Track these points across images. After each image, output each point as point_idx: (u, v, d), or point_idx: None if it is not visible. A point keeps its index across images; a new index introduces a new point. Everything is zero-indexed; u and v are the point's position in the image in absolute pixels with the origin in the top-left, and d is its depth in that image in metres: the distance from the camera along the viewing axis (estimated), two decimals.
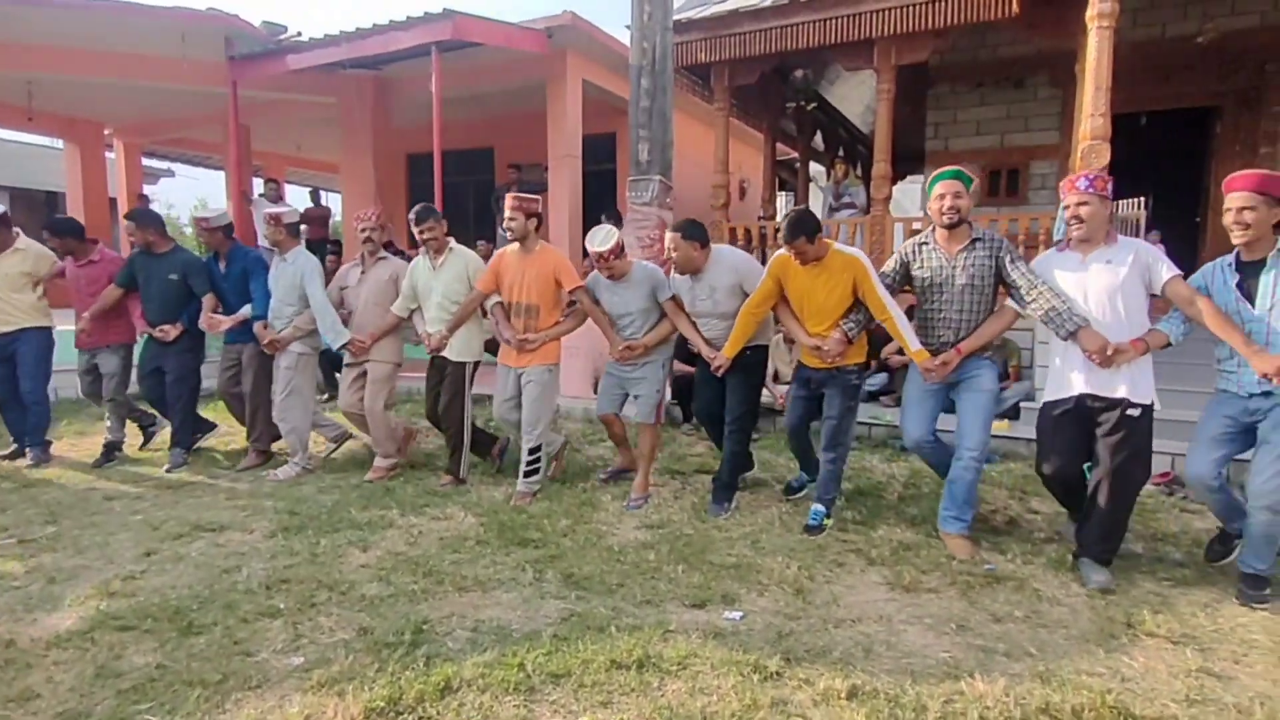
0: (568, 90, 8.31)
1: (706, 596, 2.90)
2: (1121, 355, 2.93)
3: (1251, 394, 2.87)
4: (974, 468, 3.29)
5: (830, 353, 3.46)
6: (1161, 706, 2.18)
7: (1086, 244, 3.05)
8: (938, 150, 8.41)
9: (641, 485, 4.09)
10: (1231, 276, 2.92)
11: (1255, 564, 2.89)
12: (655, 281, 3.99)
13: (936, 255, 3.33)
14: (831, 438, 3.60)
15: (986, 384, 3.32)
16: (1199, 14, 6.96)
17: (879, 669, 2.39)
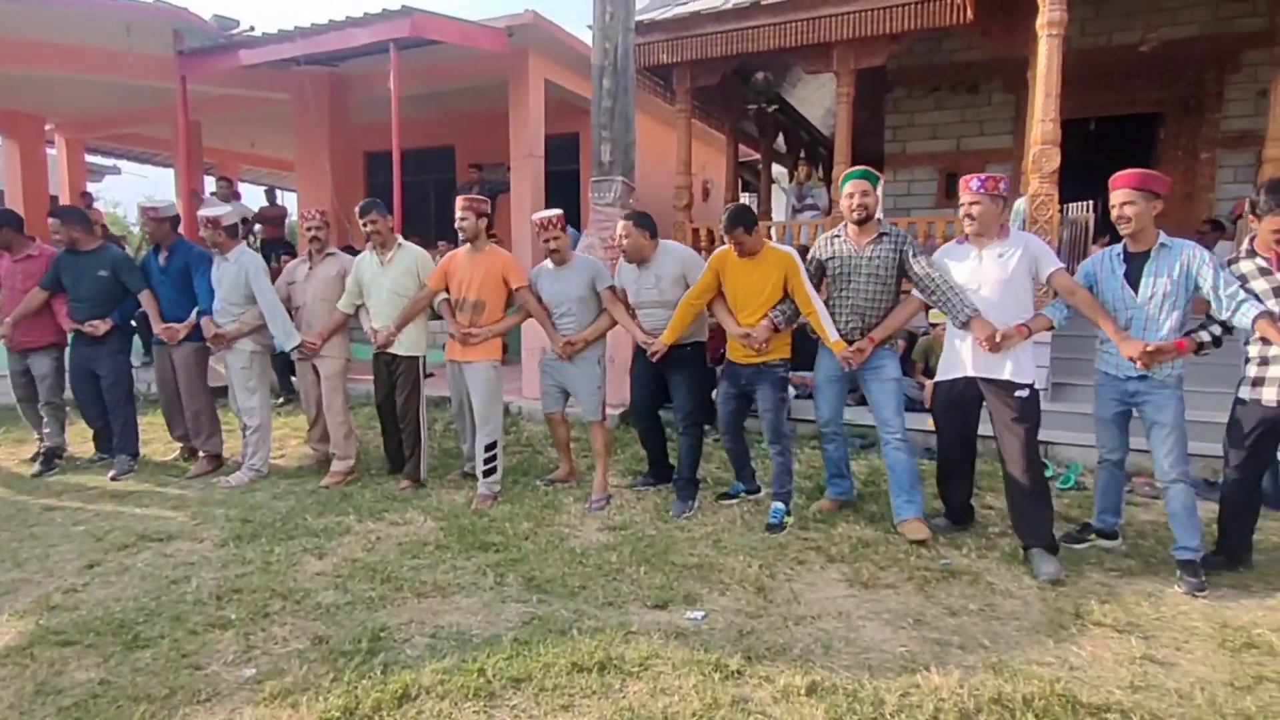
0: (529, 89, 8.27)
1: (669, 597, 2.91)
2: (1008, 340, 3.19)
3: (1129, 376, 3.15)
4: (903, 448, 3.53)
5: (757, 339, 3.60)
6: (1107, 694, 2.26)
7: (981, 238, 3.32)
8: (896, 153, 8.58)
9: (601, 485, 4.12)
10: (1119, 266, 3.17)
11: (1187, 543, 3.08)
12: (595, 271, 4.13)
13: (846, 246, 3.60)
14: (772, 430, 3.76)
15: (891, 373, 3.60)
16: (1142, 24, 7.23)
17: (838, 665, 2.43)
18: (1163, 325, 3.07)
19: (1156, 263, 3.08)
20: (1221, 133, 7.31)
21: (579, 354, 4.08)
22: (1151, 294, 3.08)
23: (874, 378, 3.61)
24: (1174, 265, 3.05)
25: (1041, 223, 5.32)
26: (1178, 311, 3.07)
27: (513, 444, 5.33)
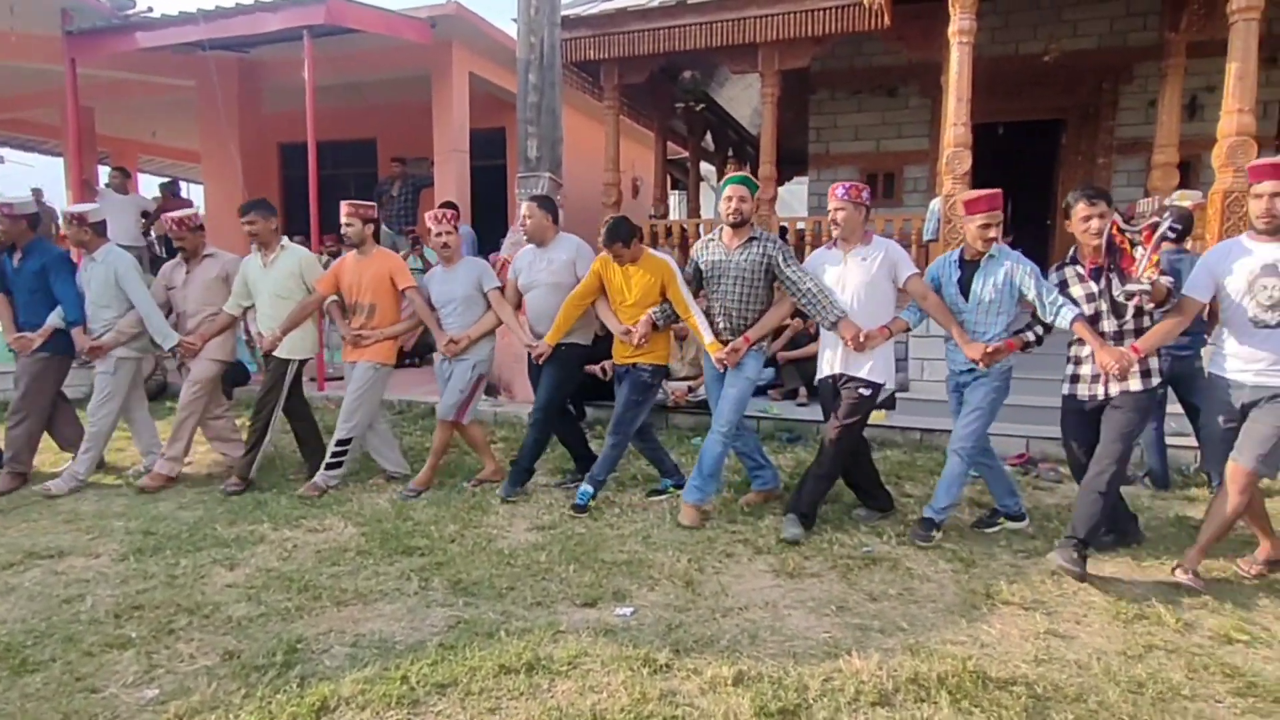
0: (454, 83, 8.11)
1: (598, 594, 2.92)
2: (871, 340, 3.45)
3: (962, 370, 3.51)
4: (722, 443, 3.69)
5: (638, 334, 3.76)
6: (1014, 668, 2.40)
7: (846, 242, 3.57)
8: (820, 153, 8.83)
9: (423, 479, 4.23)
10: (955, 272, 3.47)
11: (937, 504, 3.46)
12: (480, 270, 4.26)
13: (719, 249, 3.73)
14: (615, 423, 3.92)
15: (749, 371, 3.73)
16: (1046, 35, 7.68)
17: (764, 654, 2.49)
18: (991, 328, 3.38)
19: (985, 271, 3.38)
20: (1116, 139, 7.84)
21: (459, 356, 4.18)
22: (980, 299, 3.38)
23: (735, 374, 3.72)
24: (999, 273, 3.34)
25: (955, 223, 5.59)
26: (1004, 315, 3.38)
27: None
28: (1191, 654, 2.49)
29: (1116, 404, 3.11)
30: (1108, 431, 3.11)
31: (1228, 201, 4.98)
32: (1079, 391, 3.23)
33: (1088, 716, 2.14)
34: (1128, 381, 3.07)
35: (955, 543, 3.46)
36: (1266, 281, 2.85)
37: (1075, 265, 3.23)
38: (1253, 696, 2.25)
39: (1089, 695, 2.24)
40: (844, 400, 3.54)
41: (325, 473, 4.23)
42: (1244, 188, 5.05)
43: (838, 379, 3.59)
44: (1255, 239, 2.93)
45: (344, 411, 4.24)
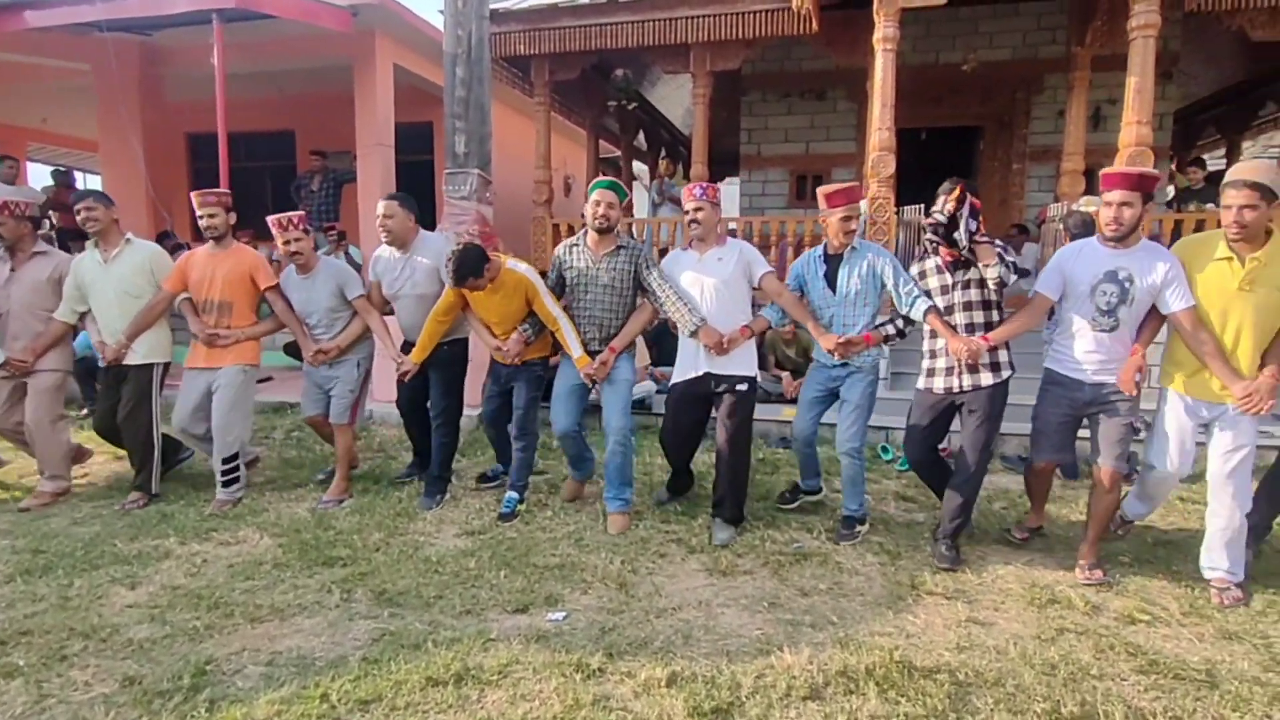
0: (377, 74, 7.85)
1: (529, 600, 2.88)
2: (734, 343, 3.49)
3: (833, 365, 3.56)
4: (620, 450, 3.68)
5: (510, 353, 3.75)
6: (937, 656, 2.49)
7: (702, 243, 3.61)
8: (751, 154, 8.99)
9: (339, 488, 4.07)
10: (820, 267, 3.57)
11: (850, 505, 3.60)
12: (342, 278, 4.07)
13: (585, 257, 3.71)
14: (520, 426, 3.88)
15: (624, 374, 3.75)
16: (965, 45, 8.04)
17: (698, 653, 2.50)
18: (859, 320, 3.49)
19: (849, 264, 3.49)
20: (1029, 147, 8.28)
21: (338, 359, 4.08)
22: (846, 292, 3.49)
23: (611, 379, 3.72)
24: (862, 266, 3.46)
25: (880, 224, 5.78)
26: (870, 307, 3.50)
27: (364, 449, 5.05)
28: (1099, 635, 2.64)
29: (972, 407, 3.26)
30: (970, 441, 3.26)
31: None
32: (934, 385, 3.35)
33: (1006, 700, 2.24)
34: (979, 375, 3.22)
35: (882, 536, 3.57)
36: (1107, 287, 2.99)
37: (936, 257, 3.36)
38: (1155, 674, 2.40)
39: (1007, 679, 2.34)
40: (725, 404, 3.55)
41: (225, 489, 3.99)
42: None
43: (701, 380, 3.57)
44: (1103, 244, 3.04)
45: (218, 426, 3.93)
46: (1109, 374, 3.06)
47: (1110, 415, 3.09)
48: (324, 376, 4.13)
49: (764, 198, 8.95)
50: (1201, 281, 2.90)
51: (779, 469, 4.67)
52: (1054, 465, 3.40)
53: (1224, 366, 2.86)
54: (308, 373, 4.17)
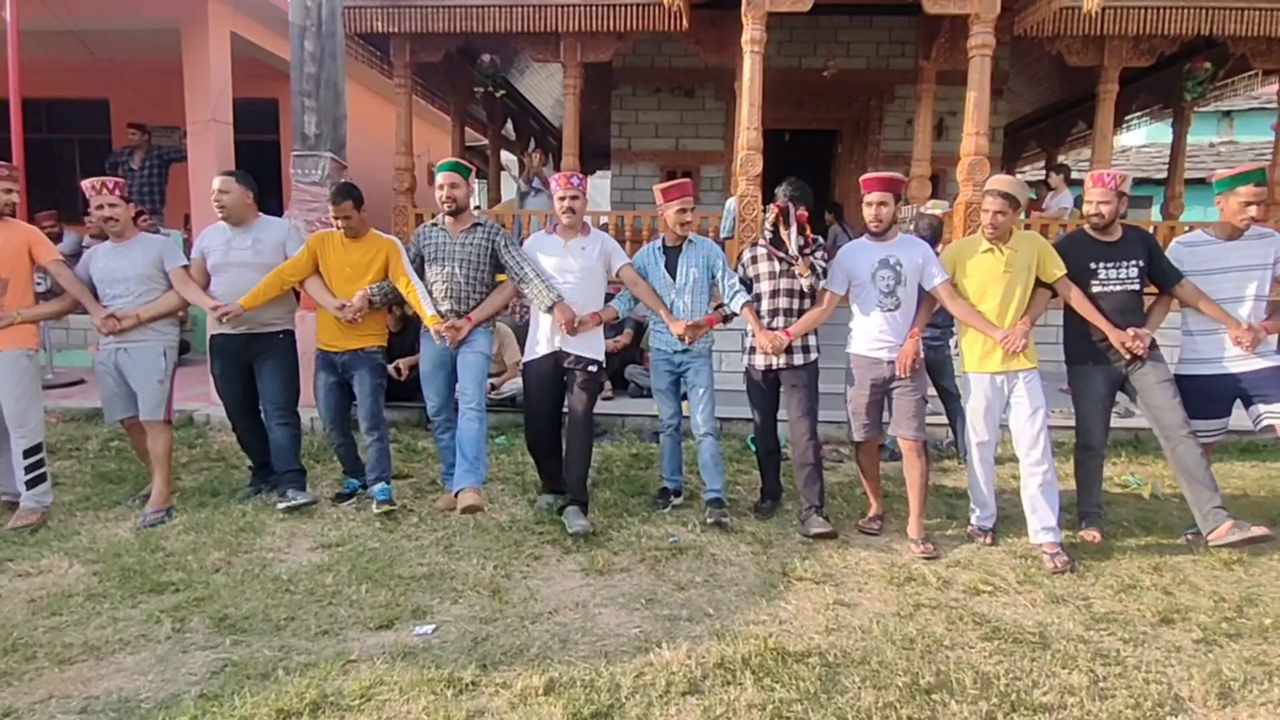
0: (210, 42, 7.16)
1: (394, 615, 2.72)
2: (584, 326, 3.67)
3: (675, 351, 3.82)
4: (475, 417, 3.74)
5: (352, 308, 3.70)
6: (809, 640, 2.60)
7: (570, 230, 3.78)
8: (622, 148, 9.05)
9: (161, 496, 3.72)
10: (660, 258, 3.84)
11: (713, 486, 3.81)
12: (164, 249, 3.86)
13: (442, 234, 3.83)
14: (371, 418, 3.86)
15: (480, 348, 3.84)
16: (825, 52, 8.51)
17: (576, 657, 2.46)
18: (697, 307, 3.78)
19: (688, 256, 3.79)
20: (882, 151, 8.89)
21: (137, 343, 3.69)
22: (685, 282, 3.77)
23: (464, 351, 3.79)
24: (698, 258, 3.78)
25: (749, 220, 5.99)
26: (705, 295, 3.82)
27: (200, 458, 4.60)
28: (950, 608, 2.86)
29: (792, 381, 3.69)
30: (793, 411, 3.69)
31: (969, 211, 5.85)
32: (756, 362, 3.73)
33: (871, 676, 2.37)
34: (793, 355, 3.65)
35: (754, 525, 3.69)
36: (883, 273, 3.50)
37: (757, 247, 3.70)
38: (997, 639, 2.63)
39: (871, 657, 2.48)
40: (574, 383, 3.73)
41: (31, 493, 3.54)
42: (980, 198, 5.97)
43: (553, 357, 3.72)
44: (871, 240, 3.58)
45: (11, 418, 3.53)
46: (898, 350, 3.53)
47: (905, 391, 3.54)
48: (123, 370, 3.70)
49: (634, 192, 9.04)
50: (973, 270, 3.48)
51: (653, 464, 4.72)
52: (877, 442, 3.77)
53: (984, 323, 3.43)
54: (99, 371, 3.78)
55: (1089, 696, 2.29)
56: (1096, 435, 3.55)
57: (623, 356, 6.52)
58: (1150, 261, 3.47)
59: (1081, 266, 3.47)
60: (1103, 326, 3.40)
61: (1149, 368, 3.42)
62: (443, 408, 3.87)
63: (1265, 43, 6.62)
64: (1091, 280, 3.46)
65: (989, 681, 2.36)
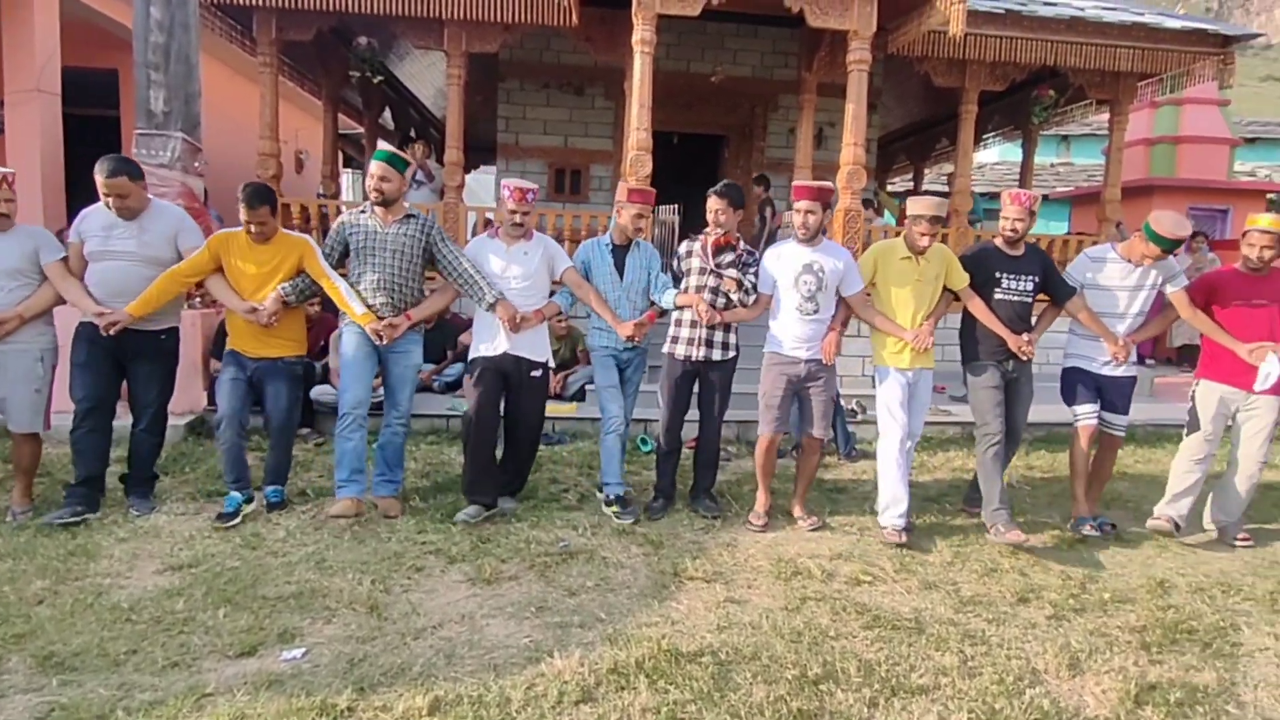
0: (35, 1, 6.40)
1: (258, 640, 2.51)
2: (527, 323, 3.71)
3: (622, 349, 3.94)
4: (402, 432, 3.83)
5: (266, 312, 3.52)
6: (701, 639, 2.63)
7: (514, 238, 3.80)
8: (509, 143, 8.88)
9: (23, 496, 3.57)
10: (607, 256, 3.92)
11: (614, 487, 3.91)
12: (41, 239, 3.59)
13: (372, 223, 3.71)
14: (281, 429, 3.72)
15: (414, 358, 3.84)
16: (713, 58, 8.72)
17: (462, 672, 2.37)
18: (639, 306, 3.94)
19: (634, 256, 3.94)
20: (766, 158, 9.21)
21: (10, 346, 3.44)
22: (633, 280, 3.91)
23: (399, 359, 3.76)
24: (643, 259, 3.96)
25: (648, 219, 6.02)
26: (643, 296, 3.97)
27: None
28: (833, 599, 2.99)
29: (711, 377, 3.86)
30: (711, 409, 3.89)
31: (848, 217, 6.16)
32: (677, 352, 3.86)
33: (762, 671, 2.43)
34: (713, 350, 3.81)
35: (646, 526, 3.70)
36: (806, 279, 3.69)
37: (701, 244, 3.82)
38: (878, 627, 2.77)
39: (762, 652, 2.54)
40: (523, 386, 3.78)
41: None
42: (859, 205, 6.32)
43: (502, 358, 3.72)
44: (797, 245, 3.75)
45: None
46: (816, 352, 3.76)
47: (818, 391, 3.78)
48: None
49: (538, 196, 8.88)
50: (893, 274, 3.77)
51: (541, 466, 4.63)
52: (779, 437, 3.94)
53: (893, 325, 3.74)
54: None
55: (959, 676, 2.46)
56: (994, 424, 3.78)
57: None
58: (1045, 276, 3.84)
59: (988, 276, 3.80)
60: (1000, 332, 3.73)
61: (1024, 374, 3.85)
62: (361, 403, 3.69)
63: (1099, 75, 7.42)
64: (995, 289, 3.79)
65: (871, 668, 2.47)
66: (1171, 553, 3.69)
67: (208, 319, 5.12)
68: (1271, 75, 48.96)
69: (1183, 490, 3.77)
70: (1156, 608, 3.03)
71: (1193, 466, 3.76)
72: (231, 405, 3.60)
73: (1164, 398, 6.77)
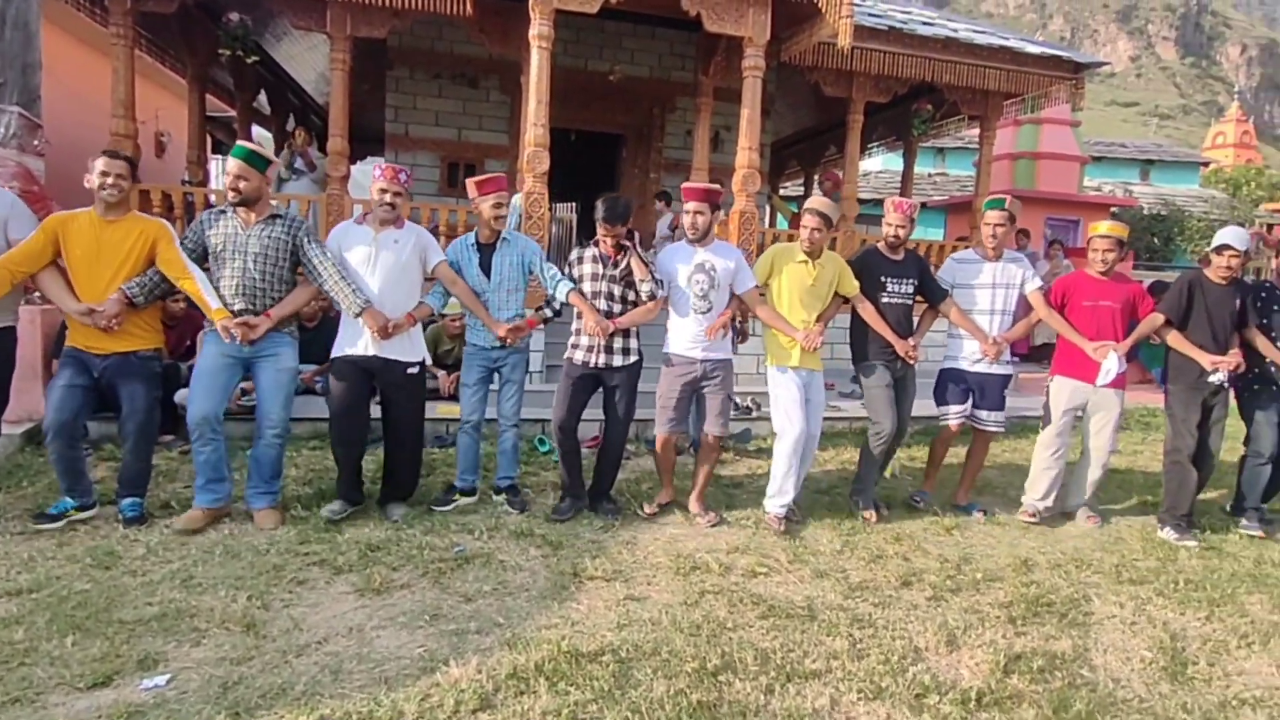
0: None
1: (114, 668, 2.30)
2: (399, 329, 3.59)
3: (493, 347, 3.87)
4: (277, 444, 3.58)
5: (107, 314, 3.27)
6: (601, 638, 2.63)
7: (384, 224, 3.62)
8: (398, 134, 8.57)
9: None
10: (474, 255, 3.86)
11: (507, 473, 4.01)
12: None
13: (234, 224, 3.47)
14: (140, 433, 3.42)
15: (286, 362, 3.56)
16: (611, 57, 8.75)
17: (350, 688, 2.26)
18: (510, 307, 3.87)
19: (503, 253, 3.85)
20: (664, 158, 9.35)
21: None
22: (500, 280, 3.83)
23: (268, 365, 3.52)
24: (514, 255, 3.87)
25: (535, 219, 5.96)
26: (520, 293, 3.91)
27: None
28: (731, 592, 3.07)
29: (614, 383, 3.82)
30: (614, 412, 3.87)
31: (744, 219, 6.36)
32: (576, 357, 3.84)
33: (662, 666, 2.46)
34: (614, 356, 3.78)
35: (545, 528, 3.67)
36: (698, 278, 3.78)
37: (595, 248, 3.83)
38: (773, 617, 2.87)
39: (662, 647, 2.58)
40: (402, 389, 3.67)
41: None
42: (754, 208, 6.52)
43: (367, 360, 3.58)
44: (688, 245, 3.86)
45: None
46: (711, 351, 3.82)
47: (714, 390, 3.85)
48: None
49: (413, 181, 8.60)
50: (788, 276, 3.90)
51: (435, 470, 4.51)
52: (677, 436, 4.04)
53: (786, 325, 3.85)
54: None
55: (849, 658, 2.58)
56: (887, 423, 4.01)
57: None
58: (922, 280, 4.10)
59: (874, 280, 4.03)
60: (888, 336, 3.97)
61: (909, 374, 4.10)
62: (209, 418, 3.40)
63: (971, 93, 8.00)
64: (881, 293, 4.02)
65: (767, 657, 2.56)
66: (1034, 534, 4.04)
67: (49, 315, 4.63)
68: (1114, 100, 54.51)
69: (1043, 480, 4.15)
70: (1021, 584, 3.30)
71: (1050, 460, 4.16)
72: (61, 415, 3.25)
73: (1027, 392, 7.38)
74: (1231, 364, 3.95)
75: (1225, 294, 4.06)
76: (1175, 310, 4.11)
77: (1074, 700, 2.41)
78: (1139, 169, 21.80)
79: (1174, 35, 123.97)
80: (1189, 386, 4.08)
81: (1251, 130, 33.34)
